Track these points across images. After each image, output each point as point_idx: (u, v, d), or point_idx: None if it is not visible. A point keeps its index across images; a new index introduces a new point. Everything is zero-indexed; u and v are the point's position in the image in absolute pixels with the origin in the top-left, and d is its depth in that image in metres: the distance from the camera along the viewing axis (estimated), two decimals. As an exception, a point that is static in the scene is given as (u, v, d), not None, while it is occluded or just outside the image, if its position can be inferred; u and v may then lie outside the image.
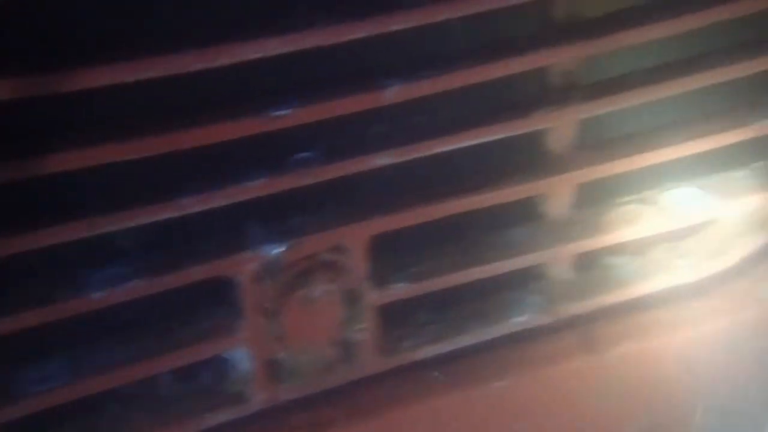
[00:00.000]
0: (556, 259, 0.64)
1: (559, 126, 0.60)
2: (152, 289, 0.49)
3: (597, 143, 0.62)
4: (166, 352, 0.51)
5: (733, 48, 0.61)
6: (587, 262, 0.66)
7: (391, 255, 0.58)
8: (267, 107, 0.48)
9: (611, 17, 0.57)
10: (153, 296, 0.51)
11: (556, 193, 0.62)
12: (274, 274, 0.52)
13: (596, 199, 0.65)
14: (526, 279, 0.65)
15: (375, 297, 0.57)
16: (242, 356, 0.53)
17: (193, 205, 0.48)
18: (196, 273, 0.50)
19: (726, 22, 0.59)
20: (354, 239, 0.55)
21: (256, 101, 0.48)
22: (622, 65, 0.60)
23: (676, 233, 0.67)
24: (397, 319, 0.61)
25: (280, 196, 0.53)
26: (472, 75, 0.53)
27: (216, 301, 0.53)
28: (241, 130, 0.47)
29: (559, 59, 0.56)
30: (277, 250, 0.52)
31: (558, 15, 0.57)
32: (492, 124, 0.56)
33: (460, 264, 0.60)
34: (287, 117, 0.48)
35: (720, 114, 0.63)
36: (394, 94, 0.52)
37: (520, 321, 0.63)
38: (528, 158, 0.61)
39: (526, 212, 0.64)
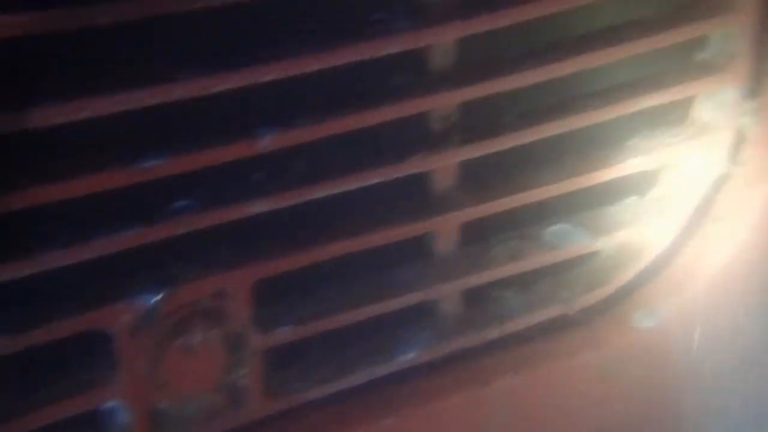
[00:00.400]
0: (444, 295, 0.61)
1: (439, 168, 0.58)
2: (17, 346, 0.44)
3: (479, 184, 0.60)
4: (39, 407, 0.46)
5: (602, 92, 0.60)
6: (475, 297, 0.63)
7: (276, 297, 0.55)
8: (136, 159, 0.44)
9: (486, 65, 0.56)
10: (24, 350, 0.46)
11: (442, 232, 0.60)
12: (152, 323, 0.48)
13: (481, 235, 0.63)
14: (415, 315, 0.62)
15: (259, 341, 0.53)
16: (121, 408, 0.49)
17: (59, 259, 0.44)
18: (65, 327, 0.45)
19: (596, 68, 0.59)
20: (237, 285, 0.51)
21: (124, 153, 0.45)
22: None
23: (557, 267, 0.65)
24: (285, 361, 0.57)
25: (159, 242, 0.49)
26: (348, 123, 0.51)
27: (94, 351, 0.49)
28: (109, 183, 0.44)
29: (434, 106, 0.54)
30: (154, 299, 0.48)
31: (433, 63, 0.55)
32: (370, 170, 0.53)
33: (346, 304, 0.57)
34: (157, 169, 0.45)
35: (590, 154, 0.62)
36: (269, 142, 0.48)
37: (408, 358, 0.60)
38: (413, 199, 0.59)
39: (413, 250, 0.61)
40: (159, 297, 0.48)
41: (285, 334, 0.54)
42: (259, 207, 0.50)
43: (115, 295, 0.47)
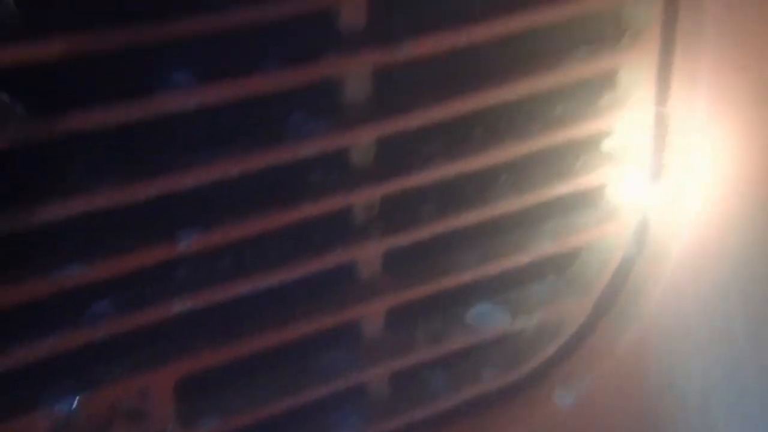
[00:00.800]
0: (372, 379, 0.60)
1: (363, 258, 0.57)
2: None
3: (403, 270, 0.59)
4: None
5: (518, 180, 0.60)
6: (402, 378, 0.62)
7: (202, 391, 0.53)
8: (50, 268, 0.42)
9: (406, 160, 0.55)
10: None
11: (367, 318, 0.59)
12: (71, 429, 0.45)
13: (407, 316, 0.61)
14: (343, 398, 0.60)
15: (183, 438, 0.51)
16: None
17: (-31, 373, 0.41)
18: (-22, 440, 0.42)
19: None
20: (160, 383, 0.49)
21: (38, 262, 0.42)
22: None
23: (482, 345, 0.64)
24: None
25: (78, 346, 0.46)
26: (269, 221, 0.49)
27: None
28: (24, 295, 0.41)
29: (354, 202, 0.53)
30: (73, 405, 0.45)
31: (354, 158, 0.54)
32: (294, 264, 0.52)
33: (273, 394, 0.55)
34: (74, 277, 0.43)
35: (509, 238, 0.62)
36: (189, 244, 0.47)
37: (337, 442, 0.58)
38: (338, 287, 0.57)
39: (341, 334, 0.59)
40: (78, 402, 0.45)
41: (210, 428, 0.52)
42: (181, 306, 0.48)
43: (32, 403, 0.45)
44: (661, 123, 0.63)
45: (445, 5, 0.53)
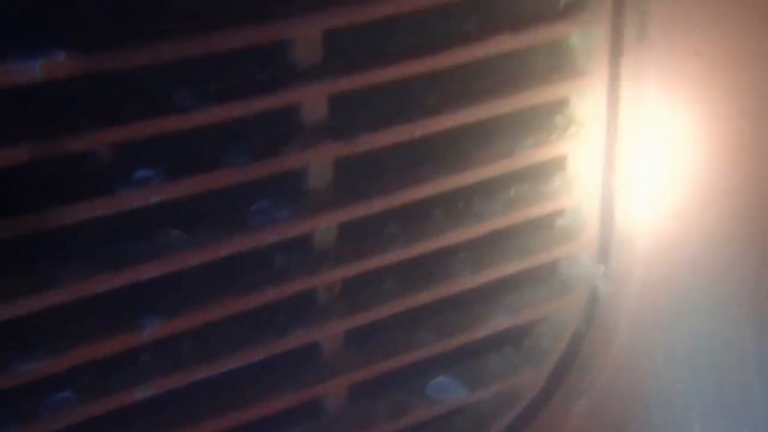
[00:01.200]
0: (335, 455, 0.59)
1: (325, 338, 0.56)
2: None
3: (364, 346, 0.59)
4: None
5: (476, 258, 0.61)
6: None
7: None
8: (9, 363, 0.41)
9: (366, 244, 0.55)
10: None
11: (330, 395, 0.58)
12: None
13: (369, 393, 0.61)
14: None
15: None
16: None
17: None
18: None
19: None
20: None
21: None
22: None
23: (442, 416, 0.63)
24: None
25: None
26: (232, 306, 0.49)
27: None
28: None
29: (317, 284, 0.53)
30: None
31: (316, 241, 0.54)
32: (256, 347, 0.51)
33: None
34: (35, 370, 0.41)
35: (466, 313, 0.62)
36: (152, 332, 0.46)
37: None
38: (301, 365, 0.57)
39: (304, 411, 0.58)
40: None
41: None
42: (144, 392, 0.47)
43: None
44: (607, 202, 0.65)
45: (402, 99, 0.54)
